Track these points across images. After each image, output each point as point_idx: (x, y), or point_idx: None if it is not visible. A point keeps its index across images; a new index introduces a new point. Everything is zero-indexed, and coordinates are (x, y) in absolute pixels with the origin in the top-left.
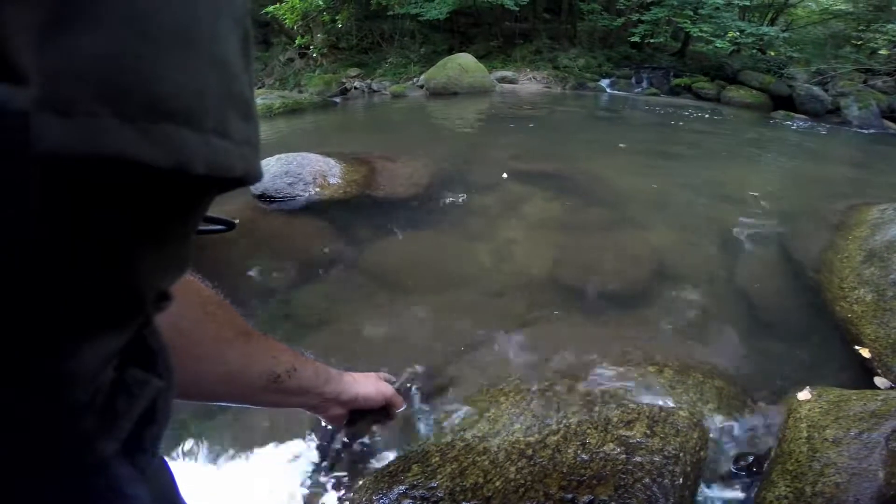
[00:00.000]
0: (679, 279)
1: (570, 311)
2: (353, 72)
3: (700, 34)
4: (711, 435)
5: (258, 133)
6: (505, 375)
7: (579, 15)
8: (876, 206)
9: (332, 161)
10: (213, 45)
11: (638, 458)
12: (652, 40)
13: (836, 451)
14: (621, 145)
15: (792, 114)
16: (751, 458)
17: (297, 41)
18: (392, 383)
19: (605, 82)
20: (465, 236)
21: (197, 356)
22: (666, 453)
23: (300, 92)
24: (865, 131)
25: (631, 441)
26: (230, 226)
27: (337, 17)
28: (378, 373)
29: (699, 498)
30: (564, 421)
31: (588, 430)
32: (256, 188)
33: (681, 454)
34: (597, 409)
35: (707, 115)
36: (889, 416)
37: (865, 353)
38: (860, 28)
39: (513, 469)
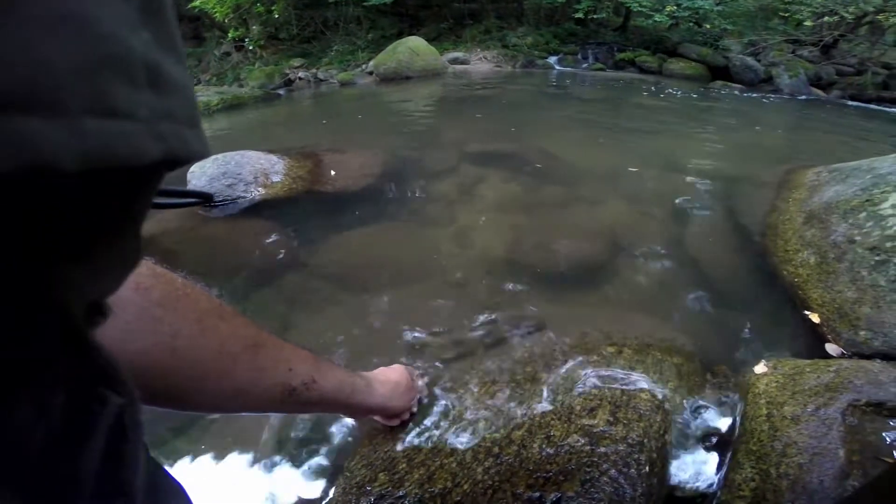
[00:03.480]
0: (634, 254)
1: (530, 295)
2: (297, 62)
3: (640, 9)
4: (675, 416)
5: (189, 102)
6: (468, 368)
7: None
8: (811, 168)
9: (274, 157)
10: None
11: (602, 449)
12: (595, 16)
13: (796, 429)
14: (572, 121)
15: (729, 84)
16: (715, 439)
17: (230, 34)
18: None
19: (552, 59)
20: (423, 224)
21: (199, 375)
22: (630, 441)
23: (240, 86)
24: (796, 98)
25: (594, 430)
26: (206, 198)
27: (273, 8)
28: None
29: (669, 483)
30: (528, 413)
31: (552, 422)
32: None
33: (645, 440)
34: (559, 397)
35: (651, 88)
36: (842, 388)
37: (815, 318)
38: (787, 1)
39: (480, 470)
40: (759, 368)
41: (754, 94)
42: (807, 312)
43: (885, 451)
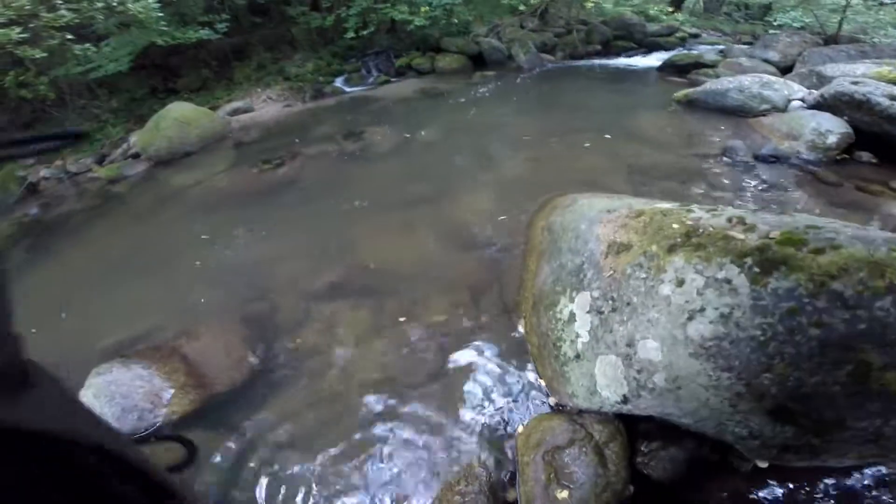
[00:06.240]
0: (455, 363)
1: (405, 432)
2: (29, 159)
3: (402, 17)
4: (494, 482)
5: None
6: None
7: (291, 20)
8: (550, 203)
9: (139, 369)
10: None
11: None
12: (364, 32)
13: (530, 486)
14: (374, 198)
15: (486, 72)
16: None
17: None
18: None
19: (339, 81)
20: (315, 387)
21: None
22: None
23: None
24: (533, 71)
25: None
26: (76, 135)
27: None
28: None
29: None
30: None
31: None
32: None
33: None
34: None
35: (428, 98)
36: (539, 445)
37: (543, 383)
38: None
39: None
40: (520, 429)
41: (504, 77)
42: (542, 381)
43: (567, 478)
